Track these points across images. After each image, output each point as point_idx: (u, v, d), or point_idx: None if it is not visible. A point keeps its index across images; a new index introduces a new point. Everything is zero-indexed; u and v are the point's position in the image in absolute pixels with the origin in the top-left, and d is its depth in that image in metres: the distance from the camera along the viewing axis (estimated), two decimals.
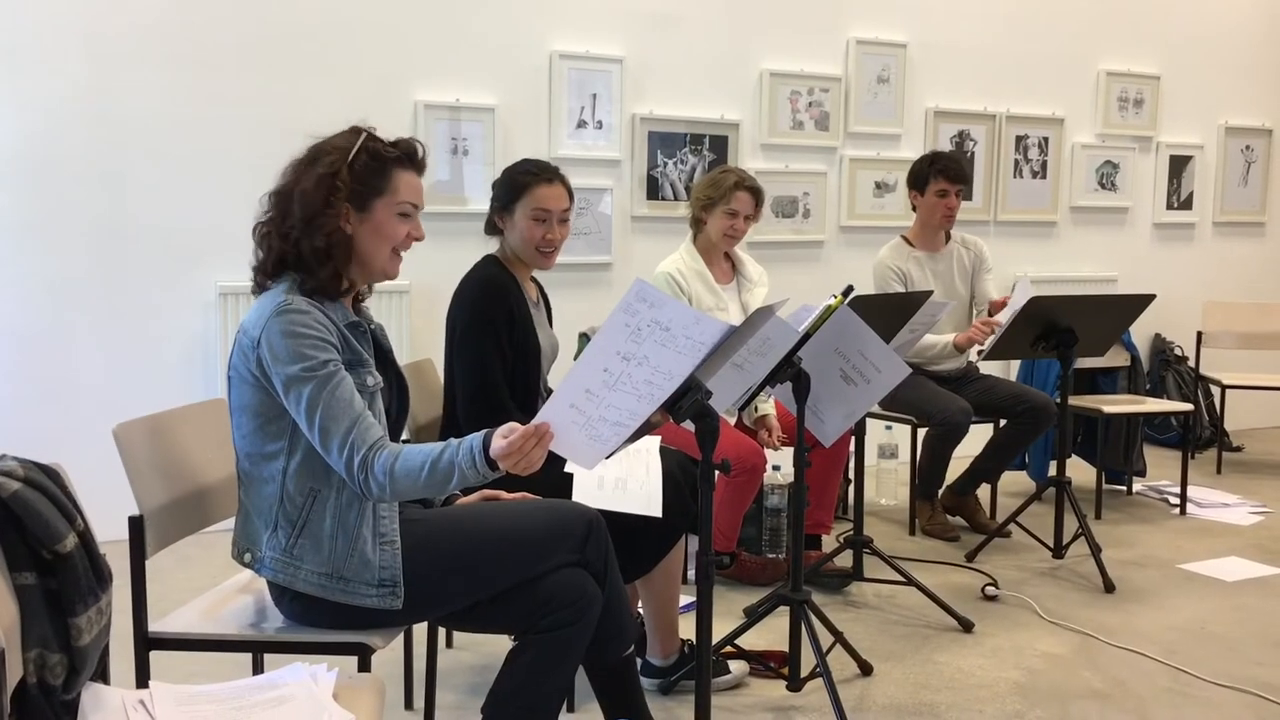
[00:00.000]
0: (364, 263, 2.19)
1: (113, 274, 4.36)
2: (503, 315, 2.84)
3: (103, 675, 1.78)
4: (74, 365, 4.33)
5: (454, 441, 2.01)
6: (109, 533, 2.21)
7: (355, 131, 2.20)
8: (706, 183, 3.85)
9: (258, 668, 2.50)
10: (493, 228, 2.99)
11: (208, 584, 2.61)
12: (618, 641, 2.39)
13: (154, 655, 2.18)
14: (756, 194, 3.79)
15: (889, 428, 5.05)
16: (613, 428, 1.91)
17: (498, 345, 2.82)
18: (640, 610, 3.06)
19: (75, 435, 4.16)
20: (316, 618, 2.14)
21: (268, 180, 4.85)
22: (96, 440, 2.71)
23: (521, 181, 2.91)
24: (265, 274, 2.18)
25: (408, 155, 2.21)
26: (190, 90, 4.41)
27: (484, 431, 1.99)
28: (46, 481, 1.68)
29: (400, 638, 2.83)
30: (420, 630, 2.79)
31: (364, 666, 2.12)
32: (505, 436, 1.93)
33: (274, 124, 4.52)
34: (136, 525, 2.12)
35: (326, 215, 2.11)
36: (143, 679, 2.11)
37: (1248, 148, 6.78)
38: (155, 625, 2.19)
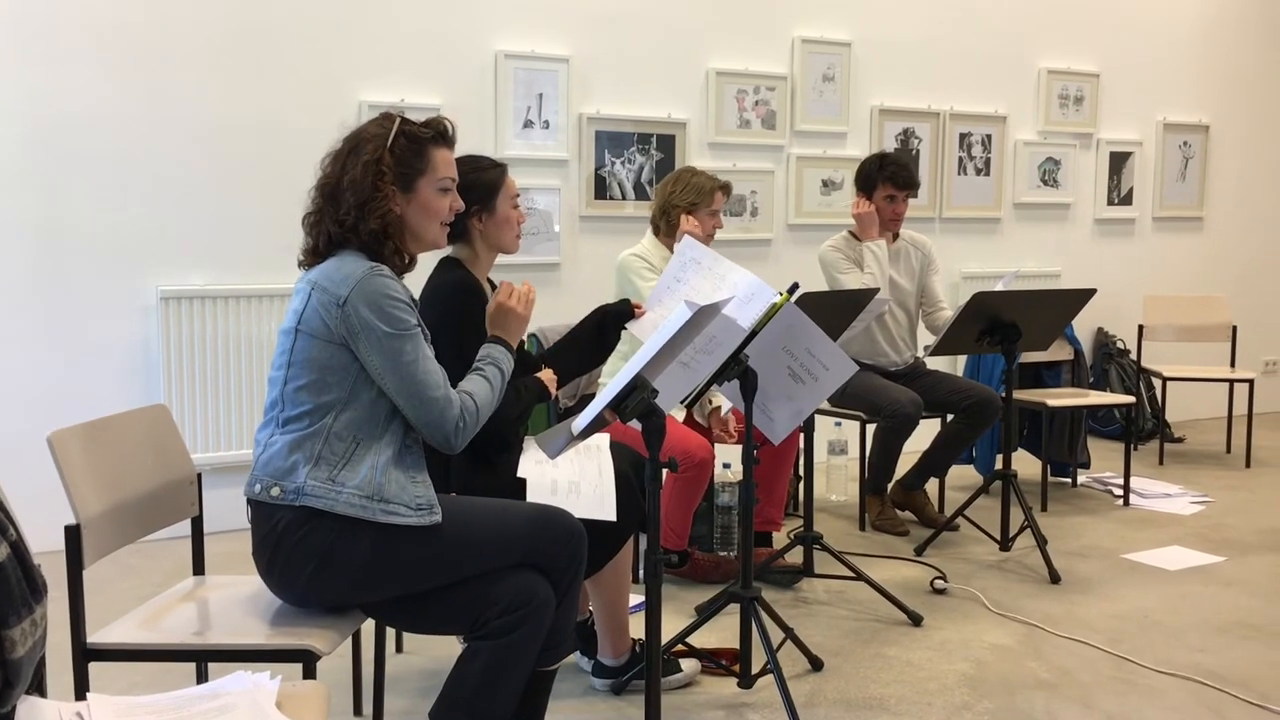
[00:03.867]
0: (417, 238, 2.35)
1: (49, 278, 4.27)
2: (483, 318, 2.83)
3: (39, 688, 1.74)
4: (9, 372, 4.23)
5: (494, 361, 2.43)
6: (47, 543, 2.18)
7: (388, 117, 2.32)
8: (686, 188, 3.91)
9: (202, 677, 2.47)
10: (456, 234, 2.92)
11: (151, 593, 2.57)
12: (550, 653, 2.39)
13: (97, 667, 2.14)
14: (729, 192, 4.01)
15: (838, 424, 5.09)
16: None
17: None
18: (590, 610, 3.06)
19: (10, 443, 4.08)
20: (351, 545, 2.16)
21: (210, 182, 4.79)
22: (32, 448, 2.66)
23: (490, 178, 2.90)
24: (318, 255, 2.30)
25: (440, 134, 2.36)
26: (128, 91, 4.33)
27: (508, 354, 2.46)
28: None
29: (348, 643, 2.80)
30: (368, 635, 2.77)
31: (309, 673, 2.09)
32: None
33: (215, 125, 4.46)
34: (73, 534, 2.08)
35: (376, 199, 2.24)
36: (81, 691, 2.07)
37: (1185, 144, 6.90)
38: (94, 636, 2.15)
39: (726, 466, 4.05)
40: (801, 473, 4.13)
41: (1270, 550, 4.35)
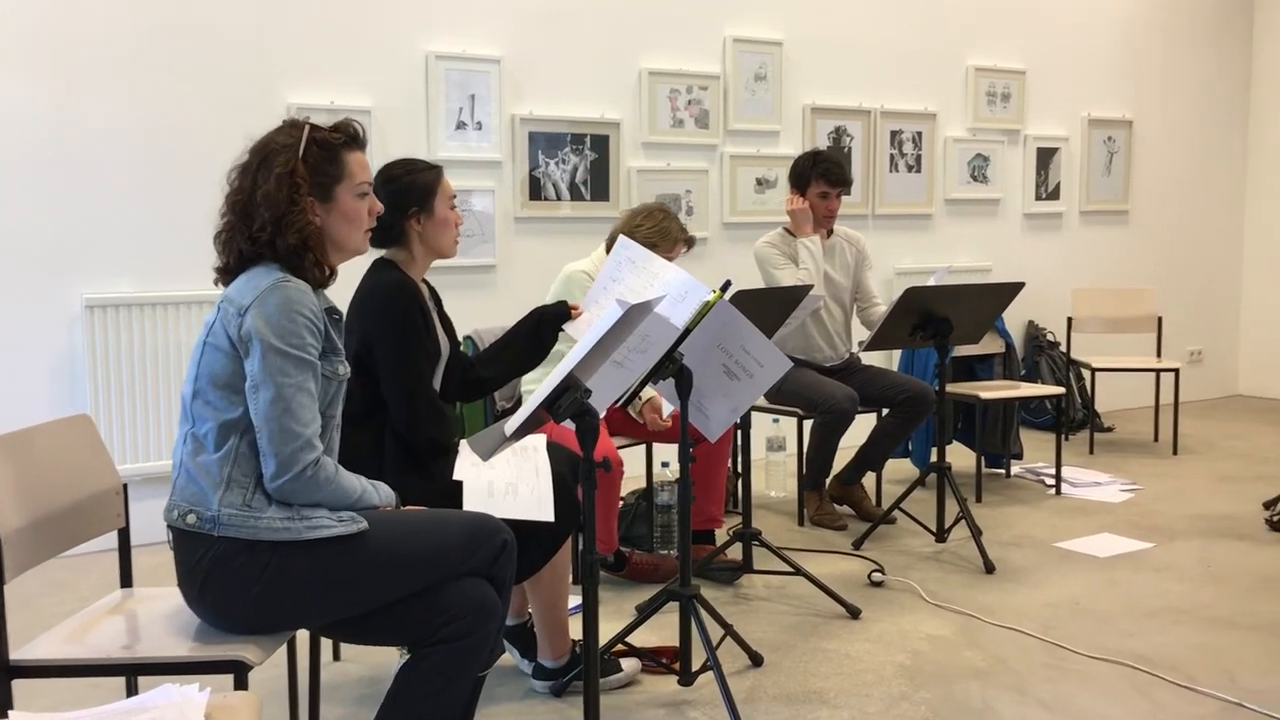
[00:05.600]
0: (340, 247, 2.28)
1: None
2: (421, 320, 2.81)
3: None
4: None
5: (380, 486, 2.29)
6: None
7: (296, 125, 2.25)
8: (654, 227, 3.84)
9: (132, 692, 2.42)
10: (392, 236, 2.90)
11: (77, 607, 2.51)
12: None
13: (22, 684, 2.08)
14: (691, 246, 3.97)
15: (776, 420, 5.12)
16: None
17: (425, 351, 2.79)
18: (530, 612, 3.05)
19: None
20: (284, 572, 2.10)
21: (135, 187, 4.70)
22: None
23: (426, 180, 2.89)
24: (230, 274, 2.23)
25: (352, 137, 2.29)
26: (50, 94, 4.23)
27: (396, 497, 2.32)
28: None
29: (283, 651, 2.76)
30: (303, 644, 2.73)
31: (240, 684, 2.06)
32: None
33: (141, 128, 4.38)
34: None
35: (294, 212, 2.17)
36: (4, 709, 2.02)
37: (1110, 139, 7.04)
38: (17, 653, 2.09)
39: (665, 465, 4.06)
40: (740, 469, 4.15)
41: (1197, 535, 4.45)
